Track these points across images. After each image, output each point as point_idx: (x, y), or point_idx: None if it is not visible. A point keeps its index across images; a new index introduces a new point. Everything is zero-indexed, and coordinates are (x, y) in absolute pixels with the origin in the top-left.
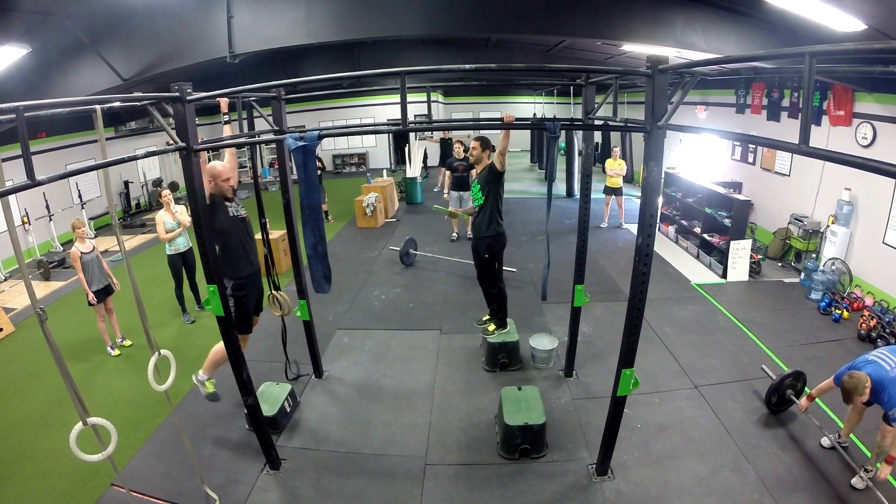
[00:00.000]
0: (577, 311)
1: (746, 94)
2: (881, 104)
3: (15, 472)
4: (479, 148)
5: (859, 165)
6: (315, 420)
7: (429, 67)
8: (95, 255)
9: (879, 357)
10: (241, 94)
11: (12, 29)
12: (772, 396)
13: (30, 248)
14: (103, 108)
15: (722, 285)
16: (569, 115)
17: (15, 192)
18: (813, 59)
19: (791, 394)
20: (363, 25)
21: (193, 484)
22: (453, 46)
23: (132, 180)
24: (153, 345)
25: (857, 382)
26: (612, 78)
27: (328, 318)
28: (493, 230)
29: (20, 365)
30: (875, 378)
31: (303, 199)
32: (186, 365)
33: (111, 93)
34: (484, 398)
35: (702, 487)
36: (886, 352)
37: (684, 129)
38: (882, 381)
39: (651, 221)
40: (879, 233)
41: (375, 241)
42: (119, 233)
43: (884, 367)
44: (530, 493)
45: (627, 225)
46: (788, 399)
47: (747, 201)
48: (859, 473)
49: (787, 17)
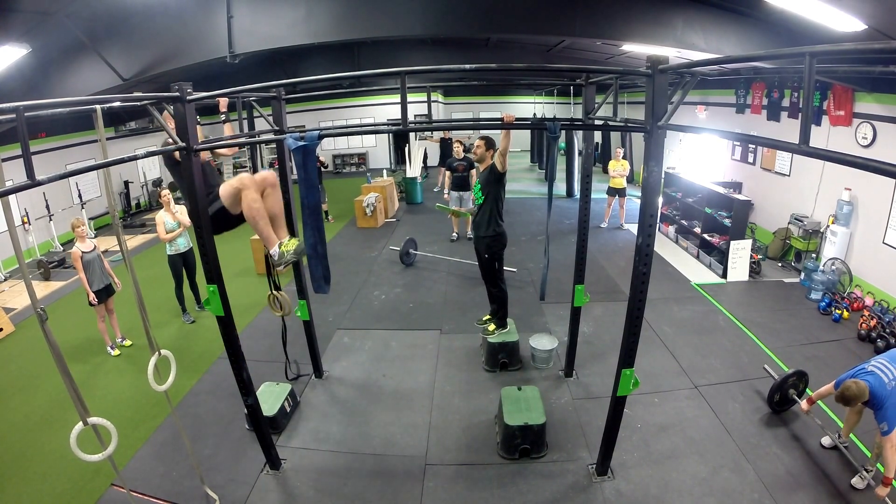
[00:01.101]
0: (577, 311)
1: (746, 94)
2: (881, 104)
3: (15, 472)
4: (483, 147)
5: (859, 165)
6: (315, 420)
7: (429, 67)
8: (97, 255)
9: (878, 368)
10: (241, 94)
11: (12, 29)
12: (774, 395)
13: (30, 248)
14: (103, 108)
15: (722, 285)
16: (569, 115)
17: (15, 192)
18: (813, 59)
19: (794, 393)
20: (363, 25)
21: (193, 484)
22: (453, 46)
23: (132, 180)
24: (153, 345)
25: (859, 392)
26: (613, 78)
27: (328, 318)
28: (492, 230)
29: (20, 365)
30: (873, 391)
31: (303, 199)
32: (186, 365)
33: (111, 93)
34: (484, 398)
35: (702, 487)
36: (886, 361)
37: (684, 129)
38: (880, 396)
39: (651, 221)
40: (879, 233)
41: (375, 241)
42: (120, 233)
43: (882, 380)
44: (530, 493)
45: (627, 225)
46: (791, 399)
47: (747, 201)
48: (860, 473)
49: (787, 17)
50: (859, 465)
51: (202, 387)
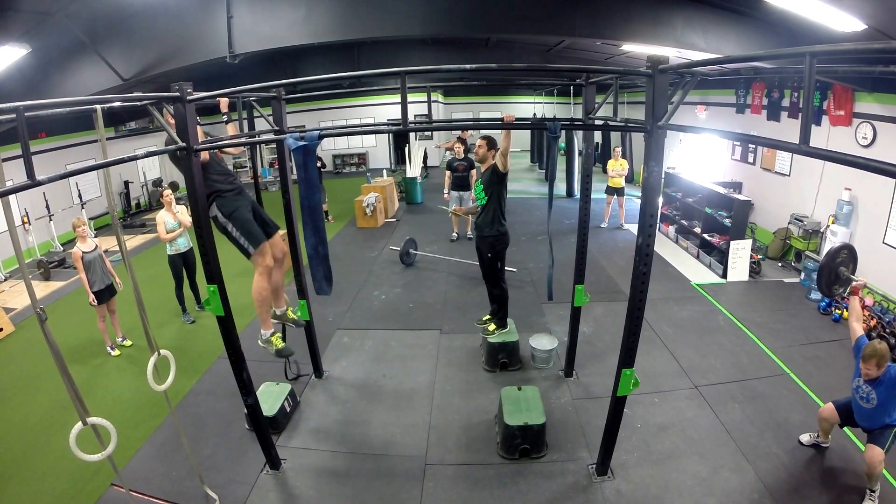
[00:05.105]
0: (577, 311)
1: (746, 94)
2: (881, 104)
3: (15, 472)
4: (485, 147)
5: (859, 165)
6: (315, 420)
7: (429, 67)
8: (98, 255)
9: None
10: (241, 94)
11: (12, 29)
12: (825, 277)
13: (30, 248)
14: (103, 108)
15: (722, 285)
16: (569, 115)
17: (15, 192)
18: (813, 59)
19: (845, 272)
20: (363, 25)
21: (193, 484)
22: (453, 46)
23: (132, 180)
24: (153, 345)
25: (884, 350)
26: (613, 78)
27: (328, 318)
28: (495, 230)
29: (20, 365)
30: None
31: (303, 200)
32: (186, 365)
33: (111, 93)
34: (484, 398)
35: (702, 487)
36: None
37: (684, 129)
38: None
39: (651, 221)
40: (879, 233)
41: (375, 241)
42: (120, 233)
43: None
44: (530, 493)
45: (628, 225)
46: (844, 277)
47: (747, 201)
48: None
49: (787, 17)
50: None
51: (202, 387)
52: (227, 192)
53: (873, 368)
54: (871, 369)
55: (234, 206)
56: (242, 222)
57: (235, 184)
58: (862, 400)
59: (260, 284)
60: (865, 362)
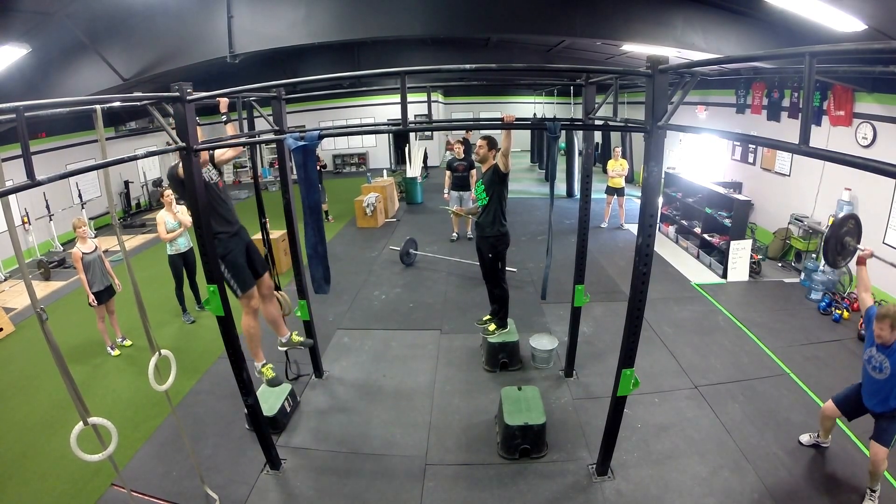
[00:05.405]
0: (577, 311)
1: (746, 94)
2: (881, 104)
3: (15, 472)
4: (486, 147)
5: (859, 165)
6: (315, 420)
7: (429, 67)
8: (98, 255)
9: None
10: (241, 94)
11: (12, 29)
12: (831, 248)
13: (30, 248)
14: (103, 108)
15: (722, 285)
16: (569, 115)
17: (15, 192)
18: (813, 59)
19: (851, 242)
20: (363, 25)
21: (193, 484)
22: (453, 46)
23: (132, 180)
24: (153, 345)
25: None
26: (612, 78)
27: (328, 318)
28: (496, 230)
29: (20, 365)
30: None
31: (303, 199)
32: (186, 365)
33: (111, 93)
34: (484, 398)
35: (702, 487)
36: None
37: (684, 129)
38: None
39: (651, 221)
40: (879, 233)
41: (375, 241)
42: (120, 233)
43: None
44: (530, 493)
45: (628, 225)
46: (849, 247)
47: (747, 201)
48: (868, 496)
49: (787, 17)
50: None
51: (202, 387)
52: (223, 233)
53: (887, 329)
54: (885, 330)
55: (228, 249)
56: (234, 266)
57: (234, 223)
58: (875, 370)
59: (248, 322)
60: (879, 322)
